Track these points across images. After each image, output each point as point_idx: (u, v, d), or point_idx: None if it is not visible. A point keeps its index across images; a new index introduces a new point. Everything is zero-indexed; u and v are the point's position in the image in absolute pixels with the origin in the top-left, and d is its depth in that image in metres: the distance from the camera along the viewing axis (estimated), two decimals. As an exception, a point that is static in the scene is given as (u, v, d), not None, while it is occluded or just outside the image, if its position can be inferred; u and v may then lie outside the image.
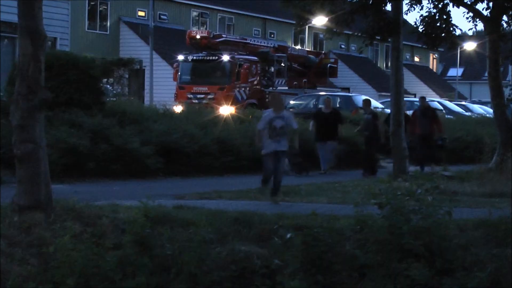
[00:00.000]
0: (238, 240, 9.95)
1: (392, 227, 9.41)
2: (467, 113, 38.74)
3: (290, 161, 19.85)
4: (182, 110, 24.59)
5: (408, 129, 20.93)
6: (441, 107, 39.39)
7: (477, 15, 20.91)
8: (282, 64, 36.99)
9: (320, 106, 25.05)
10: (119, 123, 18.38)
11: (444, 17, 19.59)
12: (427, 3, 19.93)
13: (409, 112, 23.72)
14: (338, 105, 33.41)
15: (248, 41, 37.42)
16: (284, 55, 37.51)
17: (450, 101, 47.27)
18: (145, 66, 36.80)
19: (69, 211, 9.77)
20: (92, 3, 43.20)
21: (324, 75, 41.40)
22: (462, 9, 21.05)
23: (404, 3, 18.95)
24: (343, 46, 61.25)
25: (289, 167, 19.66)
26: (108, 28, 44.23)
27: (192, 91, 32.75)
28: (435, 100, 43.49)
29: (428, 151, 21.12)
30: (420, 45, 33.51)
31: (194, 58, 33.67)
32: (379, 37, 18.29)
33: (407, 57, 64.93)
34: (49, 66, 16.32)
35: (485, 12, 20.64)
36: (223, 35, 36.67)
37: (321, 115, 21.41)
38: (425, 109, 21.70)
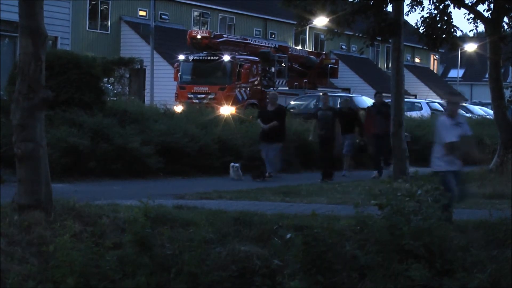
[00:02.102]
0: (238, 240, 9.95)
1: (392, 228, 9.41)
2: (467, 115, 38.75)
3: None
4: (183, 110, 24.60)
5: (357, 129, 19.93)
6: (441, 108, 39.46)
7: (478, 16, 20.90)
8: (283, 65, 36.98)
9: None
10: (119, 123, 18.39)
11: (445, 18, 19.57)
12: (428, 4, 19.94)
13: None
14: (338, 106, 33.44)
15: (249, 41, 37.42)
16: (285, 55, 37.51)
17: (451, 102, 47.20)
18: (145, 66, 36.79)
19: (69, 210, 9.77)
20: (93, 2, 43.21)
21: (324, 76, 41.40)
22: (463, 10, 21.06)
23: (405, 4, 18.94)
24: (344, 47, 61.25)
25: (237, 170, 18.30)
26: (109, 28, 44.23)
27: (192, 91, 32.75)
28: (436, 101, 43.56)
29: (384, 152, 19.70)
30: (421, 46, 33.49)
31: (195, 58, 33.67)
32: (380, 38, 18.28)
33: (408, 58, 64.91)
34: (50, 65, 16.34)
35: (486, 14, 20.67)
36: (224, 35, 36.67)
37: (265, 113, 19.15)
38: (380, 105, 20.34)
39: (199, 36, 33.79)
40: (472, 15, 21.00)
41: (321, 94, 21.39)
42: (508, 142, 19.60)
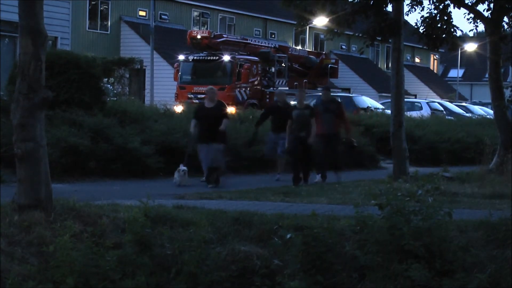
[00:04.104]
0: (238, 240, 9.95)
1: (392, 228, 9.41)
2: (467, 114, 38.82)
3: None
4: (183, 110, 24.60)
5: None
6: (441, 108, 39.50)
7: (478, 16, 20.90)
8: (283, 65, 37.00)
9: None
10: (119, 123, 18.41)
11: (445, 18, 19.57)
12: (428, 4, 19.94)
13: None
14: (274, 99, 33.38)
15: (249, 41, 37.44)
16: (285, 55, 37.52)
17: (451, 102, 47.34)
18: (145, 66, 36.82)
19: (69, 210, 9.77)
20: (93, 2, 43.22)
21: (324, 76, 41.42)
22: (463, 10, 21.04)
23: (405, 4, 18.93)
24: (344, 47, 61.26)
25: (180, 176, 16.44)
26: (109, 28, 44.26)
27: (192, 91, 32.75)
28: (436, 101, 43.59)
29: (331, 155, 17.62)
30: (420, 46, 33.48)
31: (195, 58, 33.68)
32: (380, 38, 18.27)
33: (408, 58, 64.96)
34: (50, 65, 16.34)
35: (486, 13, 20.65)
36: (224, 35, 36.68)
37: (202, 111, 17.10)
38: (328, 102, 18.12)
39: (199, 36, 33.80)
40: (472, 15, 20.99)
41: (297, 90, 18.79)
42: (508, 142, 19.60)
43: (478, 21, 21.13)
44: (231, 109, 28.30)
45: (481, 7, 20.80)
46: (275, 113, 18.32)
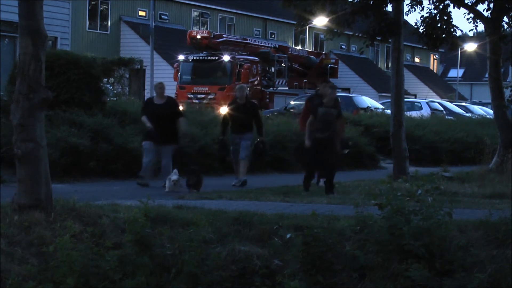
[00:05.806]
0: (238, 240, 9.95)
1: (392, 228, 9.42)
2: (467, 114, 38.83)
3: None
4: (183, 110, 24.57)
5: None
6: (441, 108, 39.52)
7: (477, 16, 20.91)
8: (283, 65, 37.05)
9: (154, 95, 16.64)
10: (119, 123, 18.41)
11: (445, 18, 19.59)
12: (428, 4, 19.96)
13: None
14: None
15: (248, 41, 37.50)
16: (285, 55, 37.57)
17: (451, 102, 47.36)
18: (145, 66, 36.85)
19: (69, 210, 9.77)
20: (92, 2, 43.23)
21: (324, 76, 41.46)
22: (462, 10, 21.07)
23: (404, 3, 18.94)
24: (343, 47, 61.26)
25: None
26: (109, 28, 44.27)
27: (192, 91, 32.80)
28: (436, 101, 43.60)
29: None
30: (420, 46, 33.48)
31: (195, 58, 33.73)
32: (379, 38, 18.29)
33: (408, 57, 64.97)
34: (50, 65, 16.37)
35: (486, 13, 20.67)
36: (224, 35, 36.74)
37: (151, 107, 15.96)
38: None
39: (199, 36, 33.86)
40: (472, 15, 21.01)
41: (322, 85, 16.54)
42: (508, 142, 19.61)
43: (478, 21, 21.15)
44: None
45: (481, 7, 20.85)
46: (236, 112, 16.61)
